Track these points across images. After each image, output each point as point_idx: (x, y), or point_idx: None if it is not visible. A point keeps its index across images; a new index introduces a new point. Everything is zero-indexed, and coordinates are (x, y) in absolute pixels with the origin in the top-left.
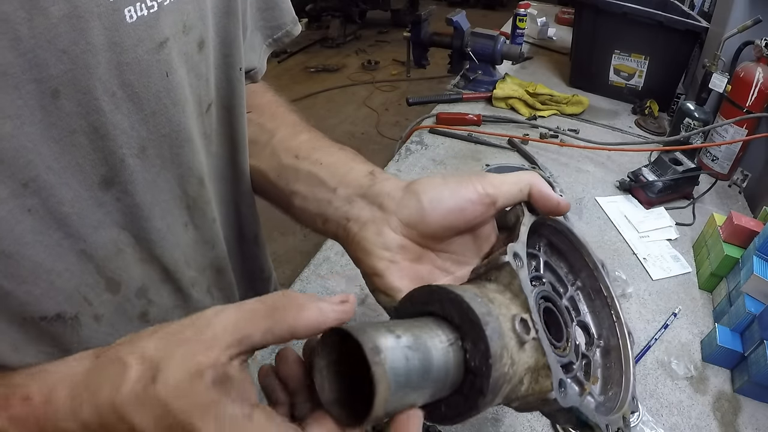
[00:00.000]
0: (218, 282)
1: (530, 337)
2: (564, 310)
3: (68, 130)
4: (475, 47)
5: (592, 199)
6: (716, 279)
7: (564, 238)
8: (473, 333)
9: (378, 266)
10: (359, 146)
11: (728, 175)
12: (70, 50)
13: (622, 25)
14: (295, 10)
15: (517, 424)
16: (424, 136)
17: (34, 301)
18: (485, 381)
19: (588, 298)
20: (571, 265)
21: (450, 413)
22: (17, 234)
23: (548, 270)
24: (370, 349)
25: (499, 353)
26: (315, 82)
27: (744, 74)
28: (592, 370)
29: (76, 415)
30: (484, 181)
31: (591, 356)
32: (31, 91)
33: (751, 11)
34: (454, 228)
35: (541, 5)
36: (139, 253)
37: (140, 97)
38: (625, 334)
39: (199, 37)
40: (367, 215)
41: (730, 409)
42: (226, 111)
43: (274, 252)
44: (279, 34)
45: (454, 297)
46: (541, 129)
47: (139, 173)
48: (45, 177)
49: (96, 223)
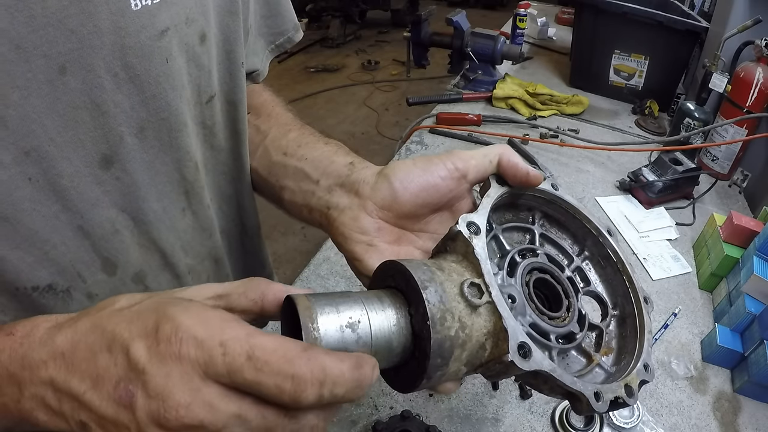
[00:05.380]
0: (217, 273)
1: (483, 301)
2: (565, 281)
3: (72, 105)
4: (475, 47)
5: (592, 199)
6: (716, 279)
7: (559, 208)
8: (415, 299)
9: (356, 250)
10: (359, 146)
11: (728, 175)
12: (78, 30)
13: (622, 25)
14: (295, 10)
15: (517, 424)
16: (424, 136)
17: (26, 269)
18: (427, 343)
19: (599, 266)
20: (574, 235)
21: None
22: (16, 199)
23: (547, 242)
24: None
25: (439, 316)
26: (315, 82)
27: (744, 74)
28: (605, 340)
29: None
30: (453, 157)
31: (604, 327)
32: (41, 65)
33: (751, 11)
34: (428, 205)
35: (541, 5)
36: (137, 236)
37: (141, 79)
38: (640, 299)
39: (201, 30)
40: (345, 202)
41: (730, 409)
42: (230, 106)
43: (274, 252)
44: (281, 39)
45: (400, 267)
46: (541, 129)
47: (137, 153)
48: (47, 148)
49: (94, 201)
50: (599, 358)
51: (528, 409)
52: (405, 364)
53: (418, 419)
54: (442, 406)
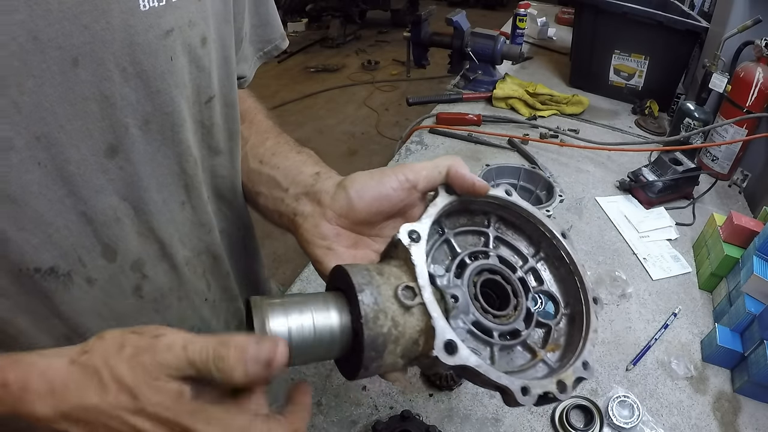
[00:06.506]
0: (214, 269)
1: (416, 303)
2: (515, 282)
3: (82, 95)
4: (475, 47)
5: (592, 199)
6: (716, 279)
7: (513, 212)
8: (353, 300)
9: (317, 254)
10: (359, 146)
11: (728, 175)
12: (91, 26)
13: (622, 25)
14: (296, 10)
15: (517, 424)
16: (424, 136)
17: (30, 251)
18: (361, 338)
19: (553, 267)
20: (530, 237)
21: (349, 367)
22: (25, 182)
23: (503, 244)
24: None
25: (372, 315)
26: (315, 82)
27: (744, 74)
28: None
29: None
30: (405, 169)
31: (554, 324)
32: (55, 56)
33: (751, 11)
34: (381, 213)
35: (541, 5)
36: (137, 225)
37: (147, 75)
38: (589, 300)
39: (202, 33)
40: (309, 210)
41: (730, 409)
42: (228, 108)
43: (274, 252)
44: (269, 47)
45: (343, 272)
46: (541, 129)
47: (141, 145)
48: (56, 135)
49: (98, 188)
50: (544, 354)
51: (528, 409)
52: (349, 355)
53: (418, 419)
54: (442, 406)
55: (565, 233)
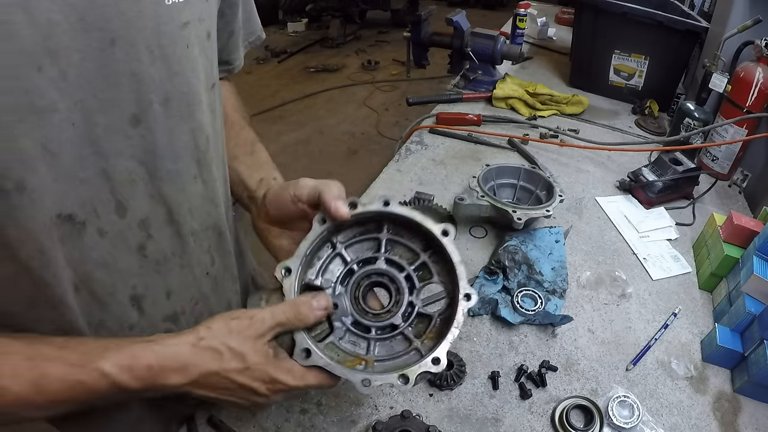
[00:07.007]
0: (219, 246)
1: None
2: (400, 280)
3: (115, 71)
4: (475, 47)
5: (592, 199)
6: (716, 279)
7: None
8: None
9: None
10: (359, 146)
11: (728, 175)
12: (127, 12)
13: (622, 25)
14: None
15: (517, 424)
16: (424, 136)
17: (58, 198)
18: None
19: (442, 261)
20: (425, 234)
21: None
22: (63, 140)
23: (397, 245)
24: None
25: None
26: (315, 82)
27: (744, 74)
28: (434, 326)
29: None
30: (295, 186)
31: (436, 315)
32: (96, 36)
33: (751, 11)
34: (286, 216)
35: (541, 5)
36: (150, 189)
37: (170, 58)
38: (460, 295)
39: (208, 28)
40: (253, 208)
41: (730, 409)
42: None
43: None
44: (253, 38)
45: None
46: (541, 129)
47: (161, 118)
48: (90, 102)
49: (120, 151)
50: (418, 343)
51: (528, 409)
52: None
53: (418, 419)
54: (442, 406)
55: (446, 231)
